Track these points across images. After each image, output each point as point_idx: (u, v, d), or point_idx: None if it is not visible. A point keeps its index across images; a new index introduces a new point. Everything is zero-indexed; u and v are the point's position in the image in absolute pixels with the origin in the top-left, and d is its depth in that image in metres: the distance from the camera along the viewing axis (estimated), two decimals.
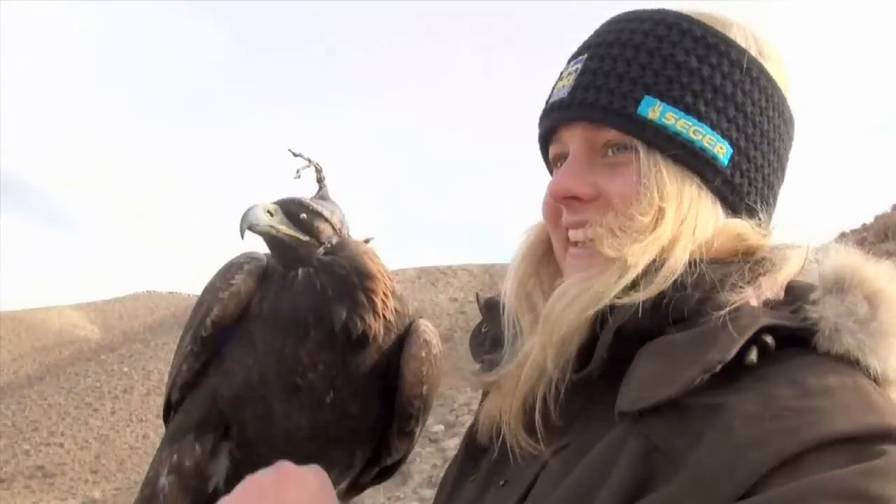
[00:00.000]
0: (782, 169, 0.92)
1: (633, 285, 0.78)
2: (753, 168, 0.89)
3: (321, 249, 1.21)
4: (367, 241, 1.29)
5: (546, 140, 0.95)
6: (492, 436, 0.91)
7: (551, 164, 0.96)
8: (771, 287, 0.80)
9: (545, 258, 0.97)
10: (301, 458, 1.26)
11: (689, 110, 0.84)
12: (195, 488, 1.28)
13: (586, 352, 0.80)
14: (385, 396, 1.29)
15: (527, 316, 0.92)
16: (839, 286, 0.74)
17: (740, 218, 0.86)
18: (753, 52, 0.88)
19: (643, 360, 0.75)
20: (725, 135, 0.86)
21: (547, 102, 0.93)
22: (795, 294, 0.78)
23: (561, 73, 0.93)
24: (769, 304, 0.78)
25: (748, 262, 0.80)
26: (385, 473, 1.45)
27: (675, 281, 0.78)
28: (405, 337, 1.28)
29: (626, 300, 0.77)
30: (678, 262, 0.79)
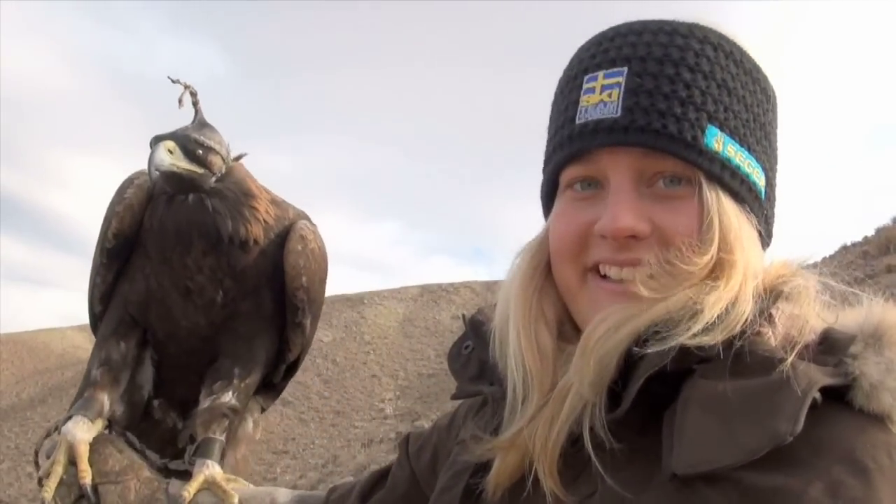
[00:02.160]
0: None
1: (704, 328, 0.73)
2: (774, 197, 0.87)
3: (213, 178, 1.36)
4: (239, 158, 1.44)
5: (567, 159, 0.85)
6: (508, 483, 0.84)
7: (564, 184, 0.87)
8: (789, 323, 0.78)
9: (544, 288, 0.90)
10: (206, 354, 1.45)
11: (742, 142, 0.81)
12: (132, 397, 1.44)
13: (613, 391, 0.76)
14: (275, 296, 1.45)
15: (538, 363, 0.85)
16: (878, 340, 0.73)
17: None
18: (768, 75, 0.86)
19: (692, 414, 0.70)
20: (764, 167, 0.84)
21: (576, 117, 0.83)
22: (834, 344, 0.75)
23: (585, 84, 0.84)
24: (806, 350, 0.74)
25: (766, 296, 0.78)
26: (291, 370, 1.60)
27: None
28: (285, 237, 1.43)
29: (695, 342, 0.72)
30: (746, 306, 0.75)
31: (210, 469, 1.34)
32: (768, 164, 0.85)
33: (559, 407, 0.79)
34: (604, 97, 0.81)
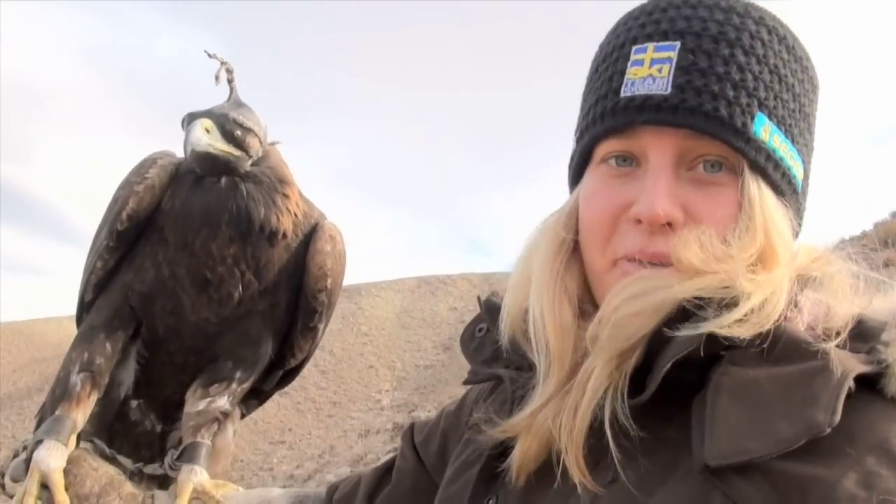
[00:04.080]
0: None
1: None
2: (807, 192, 0.85)
3: (249, 162, 1.27)
4: (273, 145, 1.35)
5: (607, 131, 0.81)
6: (533, 468, 0.81)
7: (599, 157, 0.84)
8: (815, 309, 0.76)
9: (569, 264, 0.86)
10: (209, 355, 1.34)
11: (786, 132, 0.78)
12: (107, 395, 1.31)
13: (639, 374, 0.74)
14: (291, 297, 1.36)
15: (560, 341, 0.82)
16: None
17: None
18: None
19: (724, 402, 0.68)
20: (804, 160, 0.81)
21: (621, 90, 0.80)
22: (866, 331, 0.73)
23: (633, 55, 0.80)
24: (838, 335, 0.72)
25: (796, 283, 0.76)
26: (286, 378, 1.52)
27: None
28: (311, 236, 1.35)
29: (724, 332, 0.69)
30: (781, 300, 0.73)
31: (198, 476, 1.26)
32: (807, 157, 0.82)
33: (581, 394, 0.76)
34: (653, 72, 0.78)
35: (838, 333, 0.72)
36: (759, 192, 0.76)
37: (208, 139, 1.21)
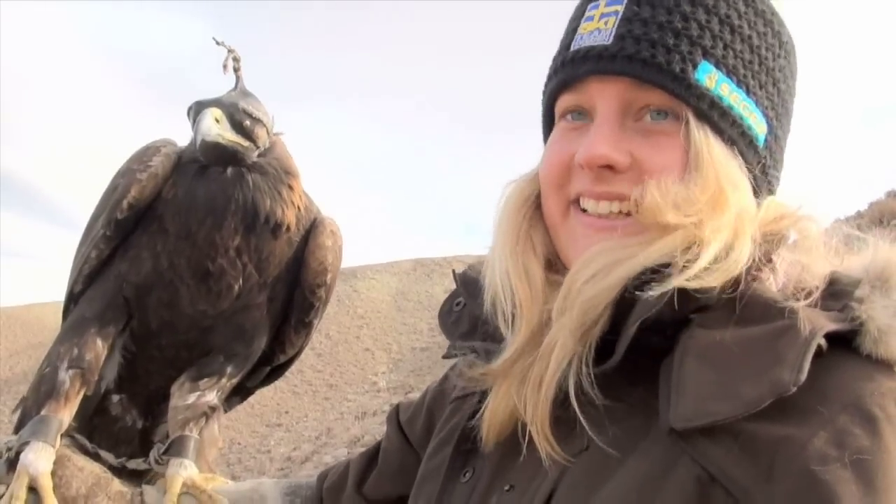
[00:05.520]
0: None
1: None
2: (779, 149, 0.84)
3: (256, 152, 1.25)
4: (278, 135, 1.33)
5: (559, 87, 0.84)
6: (498, 434, 0.83)
7: (558, 114, 0.86)
8: (791, 269, 0.76)
9: (534, 220, 0.87)
10: (199, 348, 1.32)
11: (740, 82, 0.77)
12: (90, 390, 1.28)
13: (603, 342, 0.74)
14: (288, 291, 1.35)
15: (526, 289, 0.82)
16: (885, 283, 0.71)
17: (759, 196, 0.80)
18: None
19: (690, 365, 0.68)
20: (766, 113, 0.80)
21: (571, 45, 0.82)
22: (839, 289, 0.73)
23: (587, 12, 0.82)
24: (810, 295, 0.71)
25: (769, 240, 0.76)
26: (271, 376, 1.51)
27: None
28: (311, 230, 1.34)
29: (693, 284, 0.69)
30: (744, 248, 0.72)
31: (188, 470, 1.24)
32: (773, 113, 0.81)
33: (545, 366, 0.76)
34: (600, 25, 0.79)
35: (811, 293, 0.71)
36: (705, 139, 0.76)
37: (218, 129, 1.19)
